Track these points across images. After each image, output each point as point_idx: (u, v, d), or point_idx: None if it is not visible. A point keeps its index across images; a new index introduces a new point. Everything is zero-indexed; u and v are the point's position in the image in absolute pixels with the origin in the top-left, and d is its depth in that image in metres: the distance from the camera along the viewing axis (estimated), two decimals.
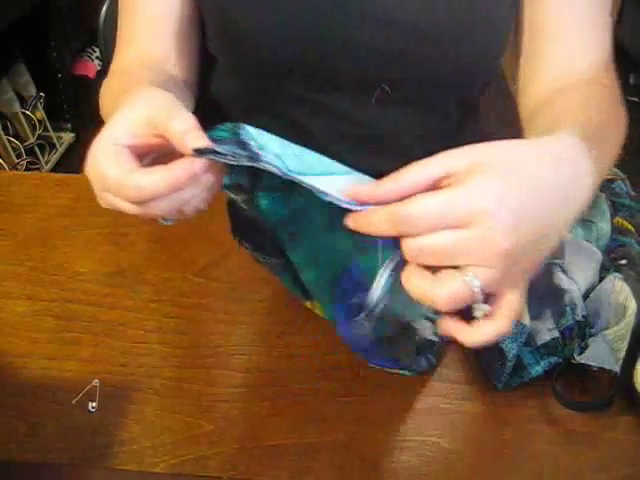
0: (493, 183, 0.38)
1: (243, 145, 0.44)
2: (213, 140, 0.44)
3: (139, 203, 0.45)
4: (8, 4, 1.60)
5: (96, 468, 0.49)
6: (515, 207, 0.39)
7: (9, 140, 1.78)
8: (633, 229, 0.65)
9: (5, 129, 1.80)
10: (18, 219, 0.64)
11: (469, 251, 0.38)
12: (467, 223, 0.38)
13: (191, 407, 0.53)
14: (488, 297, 0.41)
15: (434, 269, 0.40)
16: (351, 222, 0.41)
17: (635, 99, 2.17)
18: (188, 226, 0.68)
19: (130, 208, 0.45)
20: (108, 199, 0.46)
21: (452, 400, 0.54)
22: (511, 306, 0.42)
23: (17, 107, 1.80)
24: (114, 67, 0.71)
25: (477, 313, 0.41)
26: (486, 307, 0.41)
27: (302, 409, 0.53)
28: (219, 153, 0.42)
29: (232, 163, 0.42)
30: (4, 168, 1.72)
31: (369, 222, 0.40)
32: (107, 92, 0.65)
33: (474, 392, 0.54)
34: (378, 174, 0.43)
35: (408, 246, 0.39)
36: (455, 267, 0.39)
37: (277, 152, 0.45)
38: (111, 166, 0.44)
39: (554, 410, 0.53)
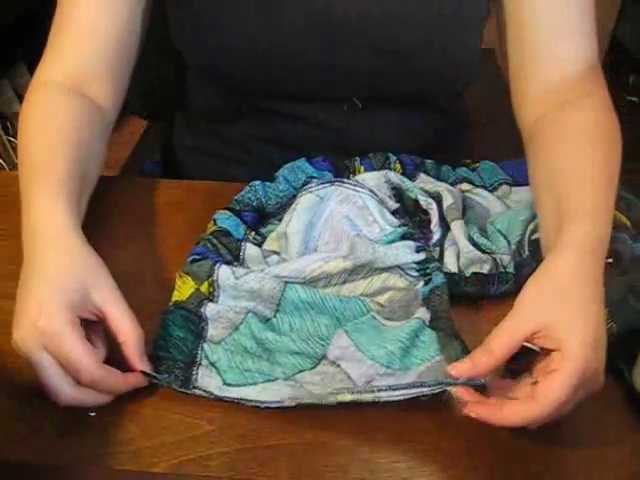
0: (579, 353, 0.47)
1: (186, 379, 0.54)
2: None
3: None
4: (8, 4, 1.60)
5: (96, 468, 0.49)
6: (598, 355, 0.48)
7: (9, 140, 1.78)
8: (628, 222, 0.63)
9: (5, 129, 1.80)
10: (18, 219, 0.63)
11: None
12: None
13: (191, 407, 0.53)
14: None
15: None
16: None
17: (635, 99, 2.17)
18: (186, 226, 0.68)
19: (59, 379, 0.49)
20: (39, 355, 0.49)
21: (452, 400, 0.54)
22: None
23: (17, 107, 1.80)
24: (42, 77, 0.67)
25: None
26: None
27: (302, 409, 0.53)
28: (156, 378, 0.53)
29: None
30: (4, 168, 1.72)
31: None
32: (32, 124, 0.64)
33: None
34: None
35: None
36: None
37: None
38: (78, 341, 0.49)
39: None
